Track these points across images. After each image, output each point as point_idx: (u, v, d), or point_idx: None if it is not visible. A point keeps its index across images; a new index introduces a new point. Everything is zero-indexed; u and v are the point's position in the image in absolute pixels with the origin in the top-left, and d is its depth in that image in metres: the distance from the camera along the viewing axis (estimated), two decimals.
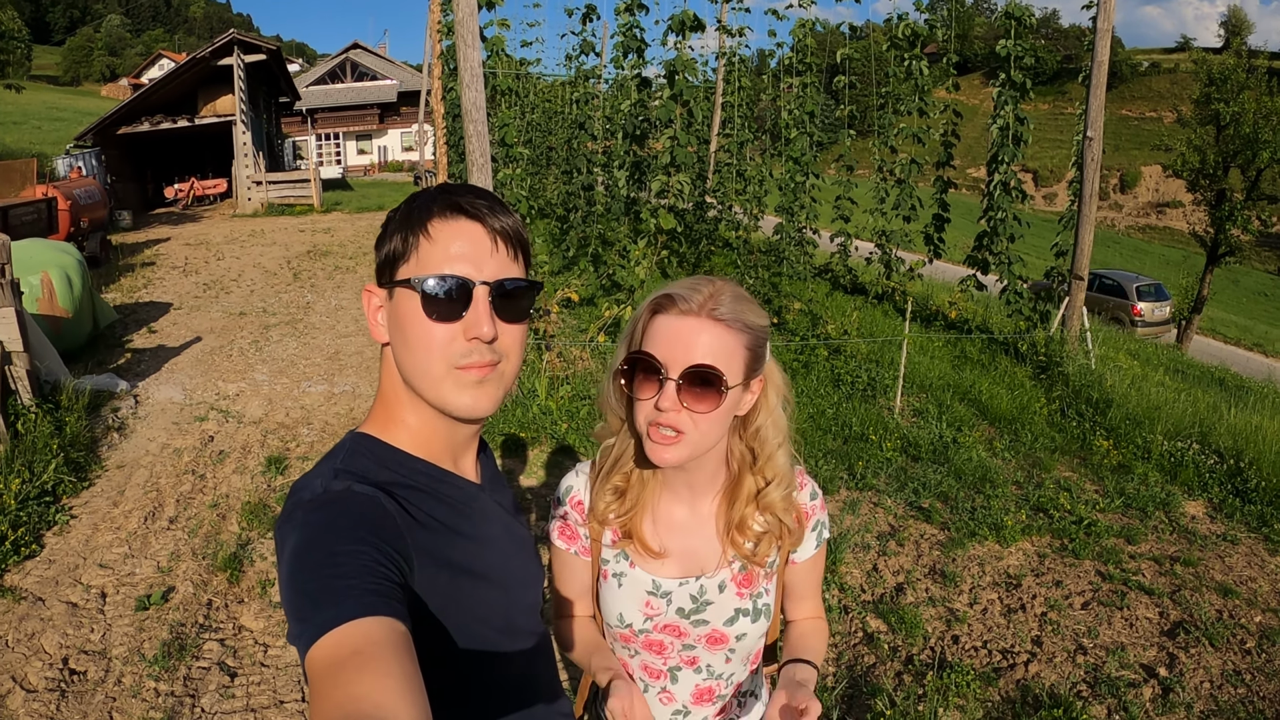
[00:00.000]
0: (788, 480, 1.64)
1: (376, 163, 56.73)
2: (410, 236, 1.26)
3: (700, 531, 1.68)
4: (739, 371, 1.50)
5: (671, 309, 1.50)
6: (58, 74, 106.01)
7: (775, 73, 15.78)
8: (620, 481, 1.68)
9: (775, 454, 1.63)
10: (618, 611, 1.70)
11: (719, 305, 1.48)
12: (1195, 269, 24.94)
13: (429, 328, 1.24)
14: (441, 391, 1.28)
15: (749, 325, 1.51)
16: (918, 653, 4.47)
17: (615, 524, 1.70)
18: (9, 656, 4.32)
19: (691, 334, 1.47)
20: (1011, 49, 10.65)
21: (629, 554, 1.70)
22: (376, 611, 0.98)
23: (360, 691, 0.88)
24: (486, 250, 1.26)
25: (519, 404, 7.54)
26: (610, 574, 1.72)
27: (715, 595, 1.66)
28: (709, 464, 1.63)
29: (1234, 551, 5.69)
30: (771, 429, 1.62)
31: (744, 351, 1.50)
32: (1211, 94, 24.45)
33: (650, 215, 9.30)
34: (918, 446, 7.21)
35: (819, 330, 10.20)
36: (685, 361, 1.45)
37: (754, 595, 1.67)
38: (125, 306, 12.37)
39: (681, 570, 1.68)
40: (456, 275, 1.24)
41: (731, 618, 1.66)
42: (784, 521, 1.65)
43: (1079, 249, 9.73)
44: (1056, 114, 79.88)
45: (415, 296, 1.24)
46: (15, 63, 34.75)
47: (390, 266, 1.28)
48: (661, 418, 1.48)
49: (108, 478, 6.55)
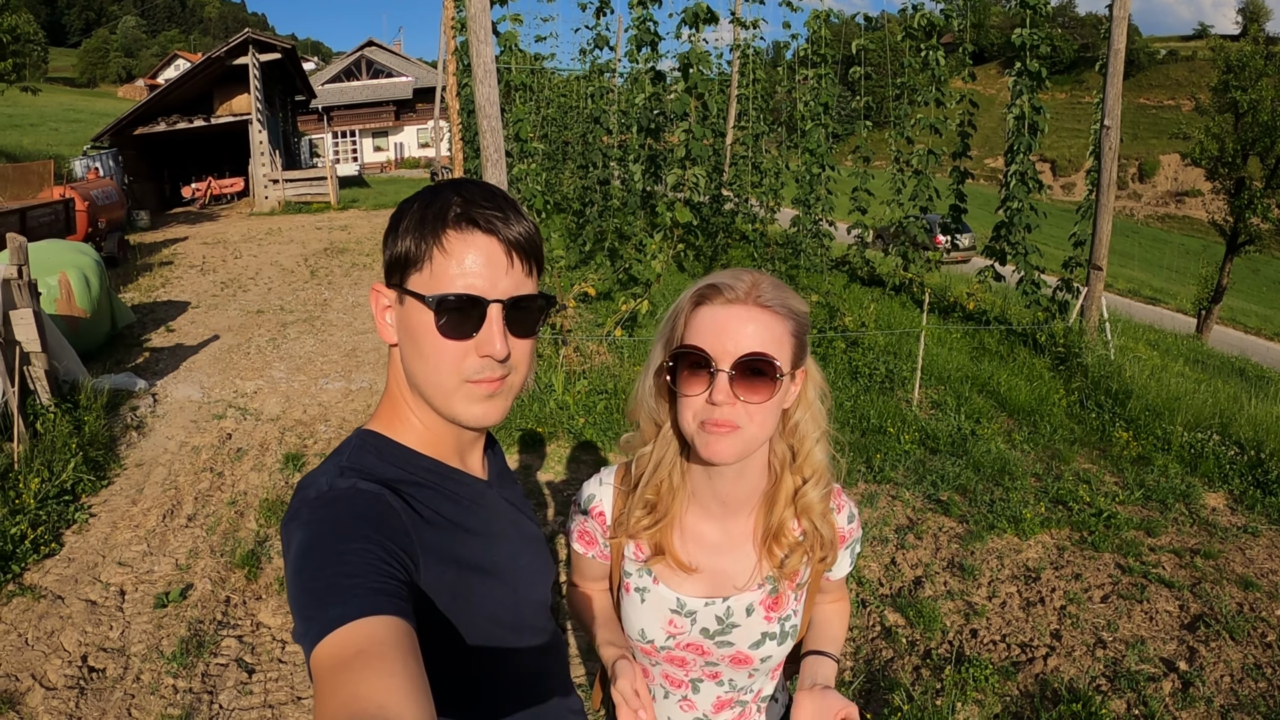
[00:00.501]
0: (825, 479, 1.59)
1: (393, 159, 56.96)
2: (423, 244, 1.24)
3: (733, 550, 1.63)
4: (788, 359, 1.46)
5: (716, 299, 1.45)
6: (74, 76, 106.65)
7: (790, 65, 15.73)
8: (653, 495, 1.63)
9: (814, 450, 1.58)
10: (640, 627, 1.66)
11: (763, 292, 1.45)
12: (1215, 258, 24.69)
13: (441, 343, 1.24)
14: (451, 404, 1.28)
15: (794, 311, 1.48)
16: (936, 647, 4.44)
17: (645, 538, 1.64)
18: (29, 654, 4.34)
19: (740, 323, 1.43)
20: (1027, 38, 10.56)
21: (653, 570, 1.65)
22: (381, 610, 0.98)
23: (364, 691, 0.87)
24: (502, 267, 1.25)
25: (536, 399, 7.54)
26: (633, 588, 1.67)
27: (742, 618, 1.61)
28: (753, 471, 1.58)
29: (1255, 544, 5.64)
30: (810, 423, 1.59)
31: (791, 339, 1.47)
32: (1230, 81, 24.18)
33: (666, 209, 9.28)
34: (936, 439, 7.18)
35: (836, 322, 10.16)
36: (736, 351, 1.41)
37: (782, 619, 1.63)
38: (143, 306, 12.44)
39: (709, 590, 1.62)
40: (471, 294, 1.22)
41: (758, 641, 1.61)
42: (819, 529, 1.60)
43: (1097, 238, 9.66)
44: (1074, 103, 79.46)
45: (428, 311, 1.23)
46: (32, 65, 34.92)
47: (400, 270, 1.27)
48: (715, 413, 1.42)
49: (126, 476, 6.59)
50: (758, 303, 1.44)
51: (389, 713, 0.86)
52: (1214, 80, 28.21)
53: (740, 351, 1.41)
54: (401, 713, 0.86)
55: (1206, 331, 20.91)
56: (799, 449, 1.59)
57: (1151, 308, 25.45)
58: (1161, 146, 77.98)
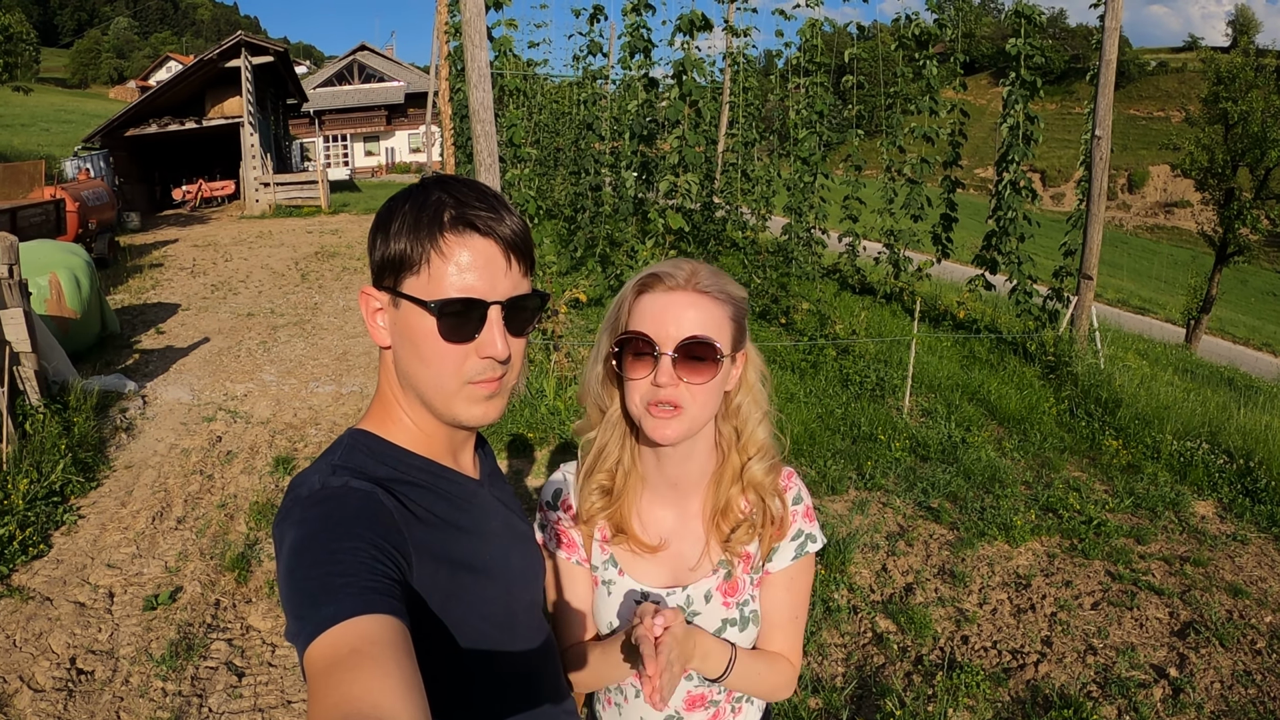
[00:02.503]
0: (769, 455, 1.63)
1: (384, 164, 56.81)
2: (419, 248, 1.23)
3: (688, 534, 1.66)
4: (728, 341, 1.51)
5: (658, 286, 1.52)
6: (65, 76, 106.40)
7: (782, 73, 15.75)
8: (605, 480, 1.67)
9: (756, 430, 1.63)
10: (608, 620, 1.68)
11: (701, 279, 1.51)
12: (1204, 269, 24.81)
13: (443, 347, 1.24)
14: (452, 406, 1.29)
15: (732, 296, 1.54)
16: (927, 653, 4.45)
17: (602, 521, 1.68)
18: (16, 656, 4.32)
19: (680, 308, 1.49)
20: (1021, 47, 10.61)
21: (618, 561, 1.68)
22: (375, 609, 0.98)
23: (357, 691, 0.87)
24: (500, 269, 1.25)
25: (527, 404, 7.53)
26: (600, 580, 1.70)
27: (701, 605, 1.63)
28: (700, 453, 1.62)
29: (1244, 551, 5.66)
30: (751, 404, 1.63)
31: (730, 323, 1.52)
32: (1220, 93, 24.33)
33: (658, 215, 9.29)
34: (926, 446, 7.19)
35: (827, 330, 10.18)
36: (678, 335, 1.47)
37: (740, 604, 1.65)
38: (133, 308, 12.40)
39: (669, 579, 1.65)
40: (473, 298, 1.23)
41: (719, 629, 1.63)
42: (767, 503, 1.63)
43: (1088, 248, 9.70)
44: (1064, 114, 79.71)
45: (428, 316, 1.22)
46: (23, 65, 34.79)
47: (393, 273, 1.25)
48: (660, 394, 1.48)
49: (116, 478, 6.56)
50: (697, 289, 1.50)
51: (383, 712, 0.85)
52: (1204, 91, 28.37)
53: (681, 335, 1.47)
54: (396, 712, 0.86)
55: (1195, 341, 20.98)
56: (742, 429, 1.64)
57: (1140, 317, 25.54)
58: (1151, 157, 78.25)
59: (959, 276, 15.70)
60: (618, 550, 1.68)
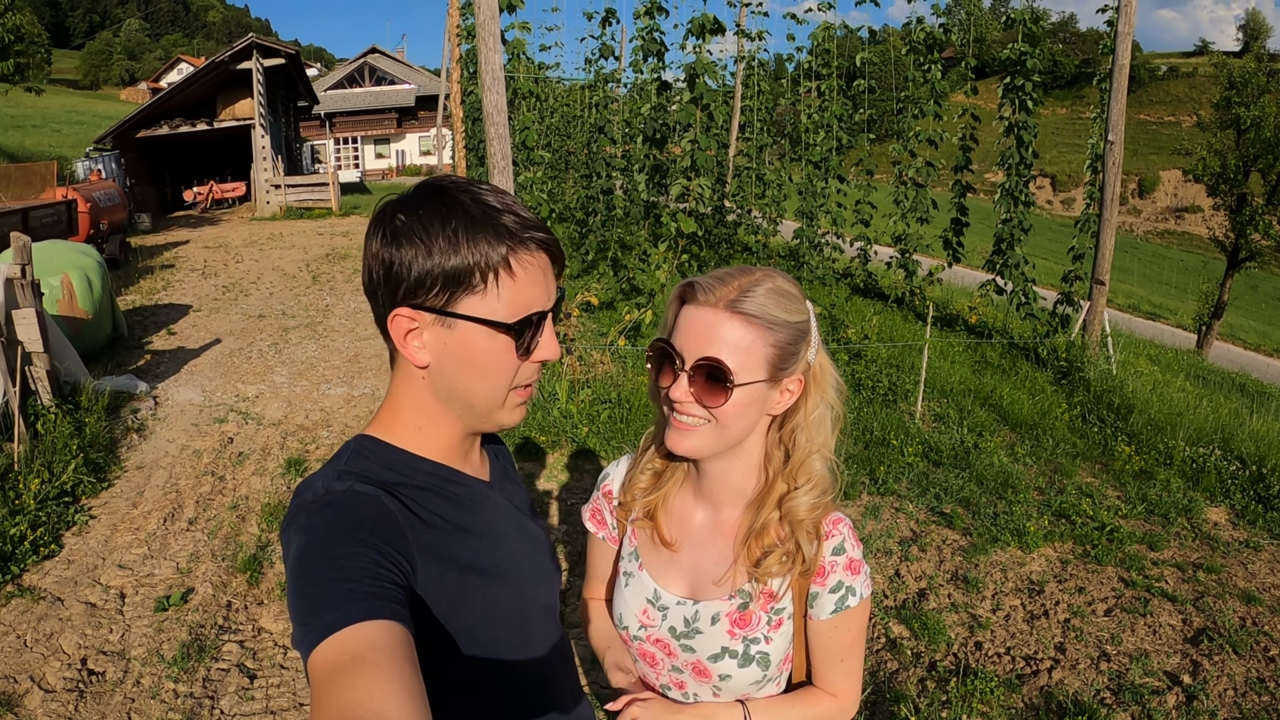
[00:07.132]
0: (819, 489, 1.55)
1: (394, 166, 56.98)
2: (481, 265, 1.18)
3: (715, 547, 1.62)
4: (757, 368, 1.44)
5: (693, 299, 1.47)
6: (77, 78, 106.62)
7: (794, 77, 15.74)
8: (660, 465, 1.68)
9: (808, 460, 1.55)
10: (619, 612, 1.70)
11: (745, 298, 1.43)
12: (1214, 274, 24.76)
13: (510, 362, 1.24)
14: (498, 414, 1.30)
15: (775, 321, 1.45)
16: (941, 659, 4.43)
17: (639, 505, 1.69)
18: (27, 656, 4.33)
19: (706, 326, 1.44)
20: (1015, 53, 10.65)
21: (640, 554, 1.69)
22: (378, 615, 0.98)
23: (359, 698, 0.87)
24: (552, 278, 1.28)
25: (540, 407, 7.53)
26: (622, 571, 1.72)
27: (706, 625, 1.58)
28: (735, 473, 1.58)
29: (1257, 558, 5.63)
30: (806, 432, 1.55)
31: (766, 349, 1.45)
32: (1232, 98, 24.26)
33: (670, 219, 9.27)
34: (939, 451, 7.17)
35: (839, 335, 10.16)
36: (698, 353, 1.43)
37: (747, 639, 1.56)
38: (145, 308, 12.45)
39: (686, 588, 1.63)
40: (542, 311, 1.25)
41: (717, 654, 1.57)
42: (800, 543, 1.53)
43: (1100, 253, 9.66)
44: (1075, 118, 79.48)
45: (499, 335, 1.21)
46: (35, 66, 34.85)
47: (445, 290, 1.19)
48: (678, 406, 1.47)
49: (127, 478, 6.57)
50: (731, 308, 1.43)
51: (384, 718, 0.86)
52: (1215, 96, 28.29)
53: (699, 354, 1.43)
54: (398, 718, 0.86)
55: (1207, 347, 20.94)
56: (793, 455, 1.57)
57: (1151, 323, 25.46)
58: (1161, 162, 78.01)
59: (970, 281, 15.68)
60: (642, 539, 1.69)
